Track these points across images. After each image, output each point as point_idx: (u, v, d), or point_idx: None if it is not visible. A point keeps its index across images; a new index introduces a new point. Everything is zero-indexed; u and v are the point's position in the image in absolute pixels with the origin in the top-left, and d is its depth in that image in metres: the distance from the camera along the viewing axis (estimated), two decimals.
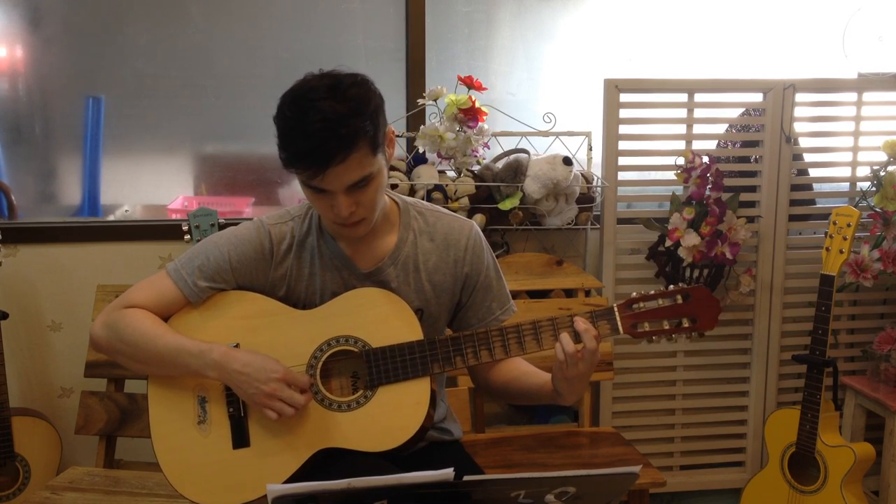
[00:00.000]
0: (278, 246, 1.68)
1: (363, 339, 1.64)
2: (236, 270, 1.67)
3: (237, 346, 1.65)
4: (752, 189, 2.97)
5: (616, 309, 1.60)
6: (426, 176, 2.65)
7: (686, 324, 1.60)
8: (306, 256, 1.69)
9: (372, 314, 1.64)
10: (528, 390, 1.73)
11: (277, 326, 1.66)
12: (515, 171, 2.70)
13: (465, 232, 1.74)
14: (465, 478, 1.25)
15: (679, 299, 1.60)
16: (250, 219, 2.05)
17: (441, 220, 1.74)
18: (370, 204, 1.57)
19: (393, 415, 1.61)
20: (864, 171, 2.96)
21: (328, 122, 1.46)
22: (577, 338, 1.57)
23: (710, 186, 2.73)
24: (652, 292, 1.60)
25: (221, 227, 2.41)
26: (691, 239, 2.70)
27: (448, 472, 1.22)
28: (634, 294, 1.60)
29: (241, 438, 1.64)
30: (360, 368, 1.66)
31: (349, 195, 1.53)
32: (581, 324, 1.57)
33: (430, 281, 1.71)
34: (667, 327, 1.60)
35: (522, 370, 1.76)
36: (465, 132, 2.61)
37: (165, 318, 1.68)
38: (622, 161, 2.89)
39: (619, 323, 1.59)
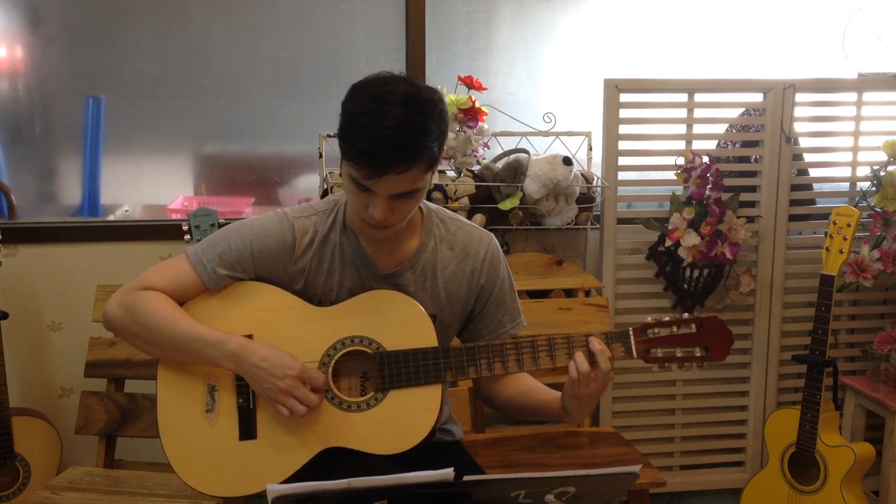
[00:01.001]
0: (300, 239, 1.68)
1: (377, 341, 1.64)
2: (257, 261, 1.67)
3: (251, 337, 1.65)
4: (752, 189, 2.97)
5: (631, 332, 1.63)
6: None
7: (698, 353, 1.63)
8: (327, 252, 1.69)
9: (388, 317, 1.64)
10: (534, 406, 1.74)
11: (293, 321, 1.66)
12: (515, 171, 2.70)
13: (485, 244, 1.75)
14: (465, 478, 1.25)
15: (693, 328, 1.63)
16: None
17: (462, 229, 1.75)
18: (404, 214, 1.58)
19: (403, 419, 1.61)
20: (864, 171, 2.96)
21: (400, 131, 1.46)
22: (591, 357, 1.59)
23: (710, 186, 2.73)
24: (667, 318, 1.63)
25: (221, 227, 2.41)
26: (691, 239, 2.70)
27: (448, 472, 1.23)
28: (650, 319, 1.64)
29: (247, 430, 1.64)
30: (371, 370, 1.66)
31: (390, 201, 1.53)
32: (596, 345, 1.59)
33: (446, 289, 1.72)
34: (679, 355, 1.63)
35: (529, 385, 1.77)
36: (465, 132, 2.61)
37: (181, 303, 1.67)
38: (622, 161, 2.89)
39: (634, 347, 1.62)
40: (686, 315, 1.64)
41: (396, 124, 1.45)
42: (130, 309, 1.65)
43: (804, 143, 3.02)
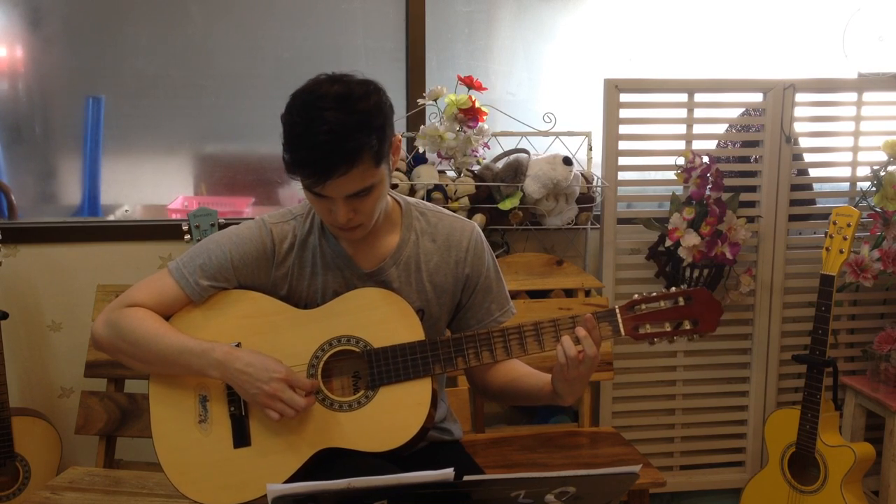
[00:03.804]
0: (280, 245, 1.68)
1: (365, 340, 1.64)
2: (238, 269, 1.67)
3: (238, 345, 1.65)
4: (752, 189, 2.97)
5: (618, 310, 1.60)
6: (426, 176, 2.65)
7: (688, 326, 1.60)
8: (308, 256, 1.69)
9: (374, 314, 1.64)
10: (527, 392, 1.73)
11: (279, 326, 1.66)
12: (515, 171, 2.70)
13: (467, 233, 1.74)
14: (465, 478, 1.25)
15: (681, 301, 1.60)
16: (250, 218, 2.05)
17: (443, 220, 1.75)
18: (369, 212, 1.58)
19: (394, 415, 1.61)
20: (864, 171, 2.96)
21: (333, 135, 1.46)
22: (578, 340, 1.58)
23: (710, 186, 2.73)
24: (654, 294, 1.61)
25: (221, 226, 2.41)
26: (691, 239, 2.70)
27: (448, 472, 1.22)
28: (636, 296, 1.61)
29: (241, 437, 1.65)
30: (361, 368, 1.66)
31: (348, 203, 1.54)
32: (581, 332, 1.57)
33: (432, 281, 1.72)
34: (668, 329, 1.60)
35: (521, 371, 1.76)
36: (465, 132, 2.61)
37: (167, 317, 1.68)
38: (622, 161, 2.89)
39: (621, 325, 1.60)
40: (673, 289, 1.62)
41: (329, 128, 1.46)
42: (115, 327, 1.65)
43: (804, 143, 3.02)
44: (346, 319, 1.65)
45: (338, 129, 1.46)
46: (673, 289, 1.62)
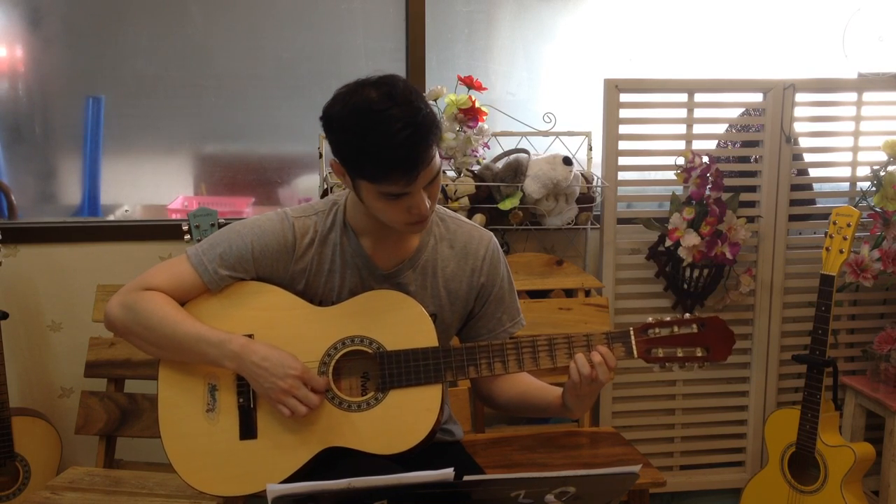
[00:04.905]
0: (301, 239, 1.68)
1: (378, 341, 1.64)
2: (258, 261, 1.67)
3: (251, 337, 1.65)
4: (752, 189, 2.97)
5: (632, 332, 1.63)
6: None
7: (699, 353, 1.64)
8: (328, 252, 1.69)
9: (389, 317, 1.65)
10: (535, 405, 1.75)
11: (294, 321, 1.66)
12: (515, 171, 2.70)
13: (485, 242, 1.75)
14: (465, 478, 1.25)
15: (695, 328, 1.63)
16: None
17: (462, 228, 1.76)
18: (435, 197, 1.59)
19: (403, 419, 1.61)
20: (864, 171, 2.96)
21: (411, 128, 1.46)
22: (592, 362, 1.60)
23: (710, 186, 2.74)
24: (668, 319, 1.64)
25: (221, 227, 2.41)
26: (691, 239, 2.70)
27: (448, 472, 1.22)
28: (651, 319, 1.64)
29: (248, 430, 1.65)
30: (371, 370, 1.66)
31: (426, 191, 1.54)
32: (596, 357, 1.60)
33: (447, 287, 1.72)
34: (680, 355, 1.63)
35: (529, 384, 1.78)
36: (465, 132, 2.61)
37: (182, 303, 1.67)
38: (622, 161, 2.89)
39: (634, 347, 1.63)
40: (687, 315, 1.65)
41: (405, 124, 1.45)
42: (132, 309, 1.65)
43: (804, 143, 3.02)
44: (360, 320, 1.65)
45: (410, 121, 1.46)
46: (687, 315, 1.65)
